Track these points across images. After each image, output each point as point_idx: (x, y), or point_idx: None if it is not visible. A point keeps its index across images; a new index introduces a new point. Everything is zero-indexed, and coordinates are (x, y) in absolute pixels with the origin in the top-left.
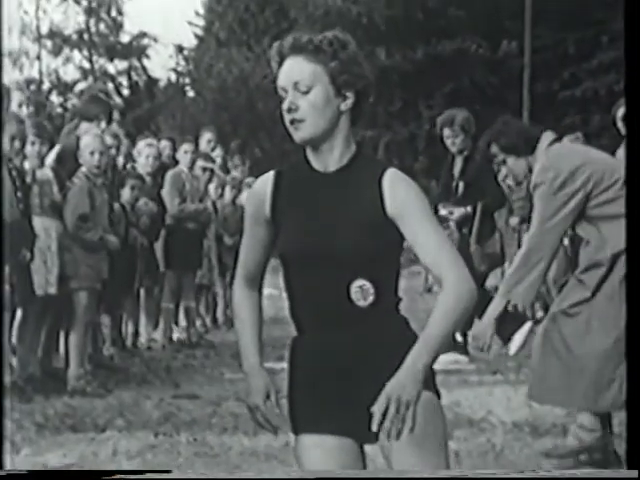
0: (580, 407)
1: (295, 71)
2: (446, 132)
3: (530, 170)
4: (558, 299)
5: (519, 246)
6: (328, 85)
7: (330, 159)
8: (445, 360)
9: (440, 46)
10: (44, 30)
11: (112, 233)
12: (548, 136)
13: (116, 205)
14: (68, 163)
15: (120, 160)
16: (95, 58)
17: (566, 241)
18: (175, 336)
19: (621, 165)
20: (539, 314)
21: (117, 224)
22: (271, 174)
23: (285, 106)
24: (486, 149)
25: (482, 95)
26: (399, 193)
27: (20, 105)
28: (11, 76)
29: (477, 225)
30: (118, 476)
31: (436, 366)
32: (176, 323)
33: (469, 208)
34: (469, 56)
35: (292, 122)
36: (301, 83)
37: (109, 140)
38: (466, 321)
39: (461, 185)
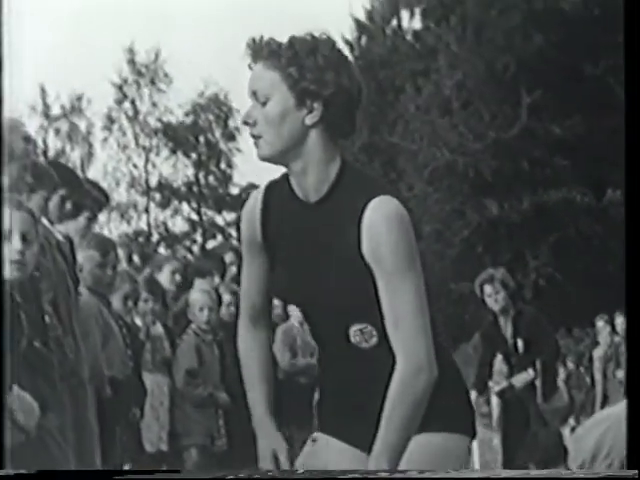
0: None
1: (254, 80)
2: (487, 290)
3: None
4: None
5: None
6: (287, 95)
7: (307, 185)
8: None
9: (546, 195)
10: (153, 183)
11: (223, 389)
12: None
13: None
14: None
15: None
16: (204, 210)
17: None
18: None
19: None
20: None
21: (228, 380)
22: (260, 195)
23: (242, 118)
24: None
25: (588, 244)
26: (375, 236)
27: (129, 260)
28: (120, 229)
29: (541, 384)
30: (130, 476)
31: None
32: None
33: (531, 371)
34: (574, 205)
35: (253, 137)
36: (259, 93)
37: (227, 297)
38: None
39: (520, 343)
